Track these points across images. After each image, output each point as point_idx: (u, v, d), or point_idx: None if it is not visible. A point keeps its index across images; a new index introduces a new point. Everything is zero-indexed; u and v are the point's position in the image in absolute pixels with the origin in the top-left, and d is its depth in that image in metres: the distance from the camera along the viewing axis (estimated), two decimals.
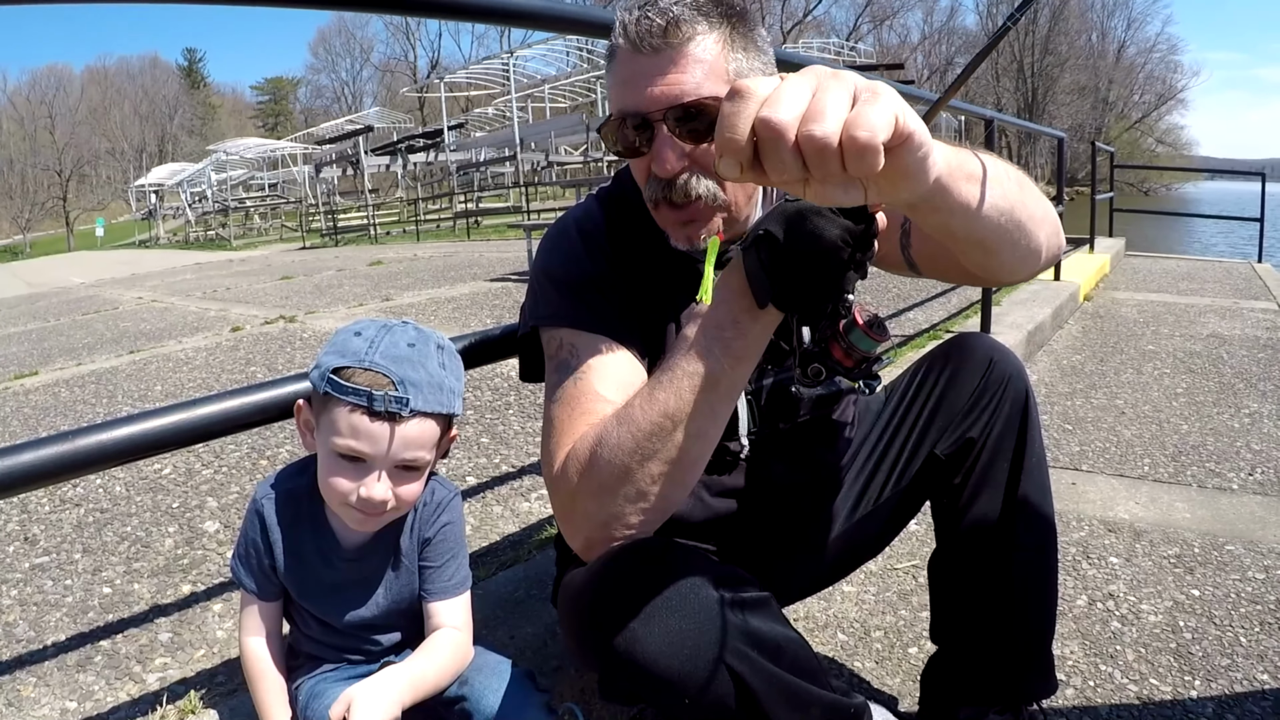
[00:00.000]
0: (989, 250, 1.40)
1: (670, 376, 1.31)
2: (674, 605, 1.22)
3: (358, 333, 1.53)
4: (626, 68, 1.48)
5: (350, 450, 1.48)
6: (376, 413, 1.46)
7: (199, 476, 4.00)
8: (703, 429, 1.32)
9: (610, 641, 1.22)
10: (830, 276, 1.22)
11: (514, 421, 4.63)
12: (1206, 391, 4.86)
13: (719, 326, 1.30)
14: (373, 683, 1.50)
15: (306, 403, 1.62)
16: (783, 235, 1.21)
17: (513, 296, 9.38)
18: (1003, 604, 1.73)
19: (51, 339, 9.78)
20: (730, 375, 1.31)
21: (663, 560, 1.28)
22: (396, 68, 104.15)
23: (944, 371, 1.83)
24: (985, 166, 1.25)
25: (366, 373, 1.47)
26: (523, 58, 34.61)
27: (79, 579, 3.04)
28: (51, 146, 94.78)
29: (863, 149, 0.87)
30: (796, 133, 0.88)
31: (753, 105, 0.91)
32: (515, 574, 2.57)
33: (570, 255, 1.64)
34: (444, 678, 1.61)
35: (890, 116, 0.89)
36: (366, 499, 1.50)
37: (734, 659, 1.22)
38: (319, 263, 18.28)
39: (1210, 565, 2.80)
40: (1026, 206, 1.39)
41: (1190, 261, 11.69)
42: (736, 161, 0.93)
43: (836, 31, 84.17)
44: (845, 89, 0.91)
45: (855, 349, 1.25)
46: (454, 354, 1.62)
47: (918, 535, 3.00)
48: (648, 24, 1.43)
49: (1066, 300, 7.10)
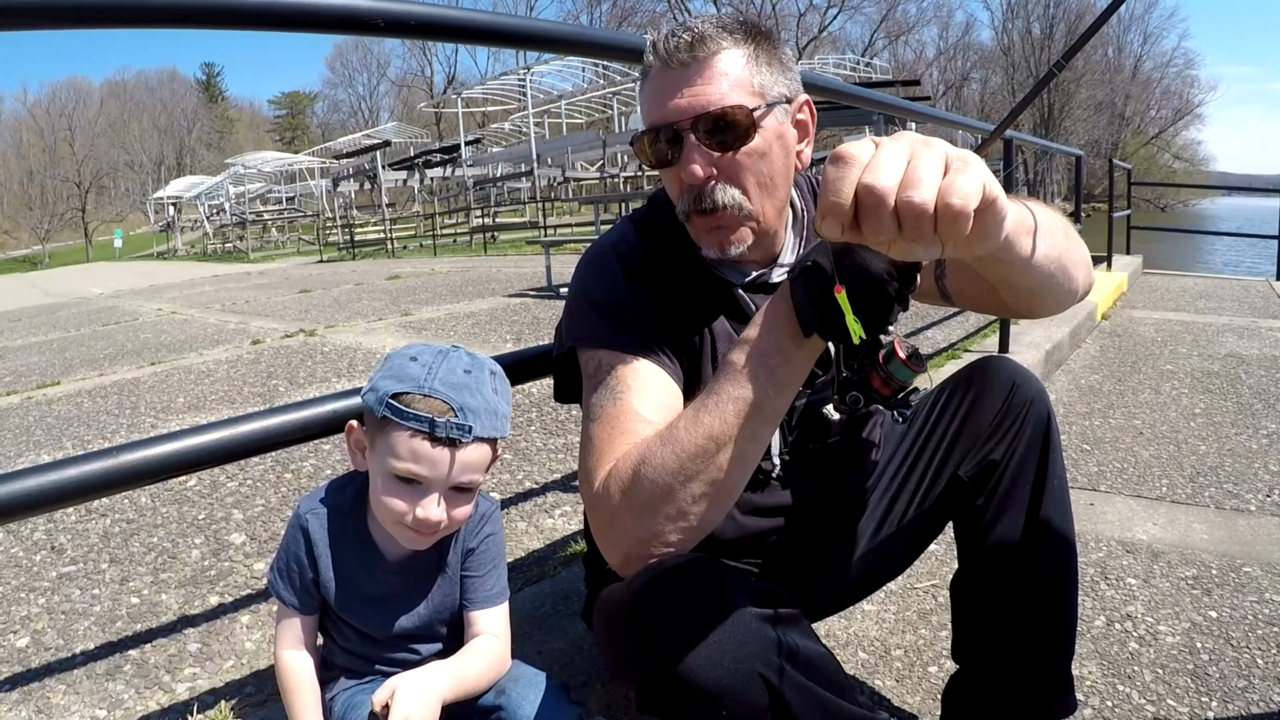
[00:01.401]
0: (1036, 294, 1.49)
1: (715, 400, 1.34)
2: (713, 619, 1.24)
3: (413, 358, 1.56)
4: (657, 83, 1.56)
5: (409, 473, 1.51)
6: (438, 438, 1.49)
7: (224, 489, 4.04)
8: (744, 452, 1.35)
9: (650, 654, 1.25)
10: (874, 309, 1.24)
11: (536, 438, 4.65)
12: (1224, 412, 4.86)
13: (764, 353, 1.33)
14: (417, 674, 1.53)
15: (358, 423, 1.65)
16: (830, 267, 1.23)
17: (531, 312, 9.42)
18: (1024, 624, 1.75)
19: (72, 349, 9.84)
20: (773, 400, 1.34)
21: (702, 576, 1.31)
22: (413, 83, 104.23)
23: (967, 395, 1.85)
24: (1037, 219, 1.33)
25: (427, 399, 1.50)
26: (539, 74, 34.68)
27: (106, 588, 3.07)
28: (71, 158, 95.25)
29: (956, 215, 0.96)
30: (896, 198, 0.96)
31: (855, 171, 0.99)
32: (541, 589, 2.59)
33: (608, 278, 1.68)
34: (483, 680, 1.64)
35: (980, 184, 0.98)
36: (423, 520, 1.53)
37: (770, 672, 1.25)
38: (337, 276, 18.33)
39: (1228, 587, 2.80)
40: (1070, 254, 1.47)
41: (1208, 280, 11.64)
42: (839, 223, 1.00)
43: (852, 47, 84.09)
44: (938, 157, 0.99)
45: (893, 379, 1.28)
46: (504, 379, 1.65)
47: (937, 555, 3.00)
48: (676, 40, 1.51)
49: (1084, 319, 7.06)
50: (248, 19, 1.67)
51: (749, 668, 1.23)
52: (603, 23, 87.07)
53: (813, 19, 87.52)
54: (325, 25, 1.77)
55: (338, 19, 1.76)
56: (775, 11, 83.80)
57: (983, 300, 1.71)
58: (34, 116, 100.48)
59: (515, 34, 2.27)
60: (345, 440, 1.68)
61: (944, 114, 6.42)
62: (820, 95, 3.49)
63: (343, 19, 1.77)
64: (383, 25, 1.81)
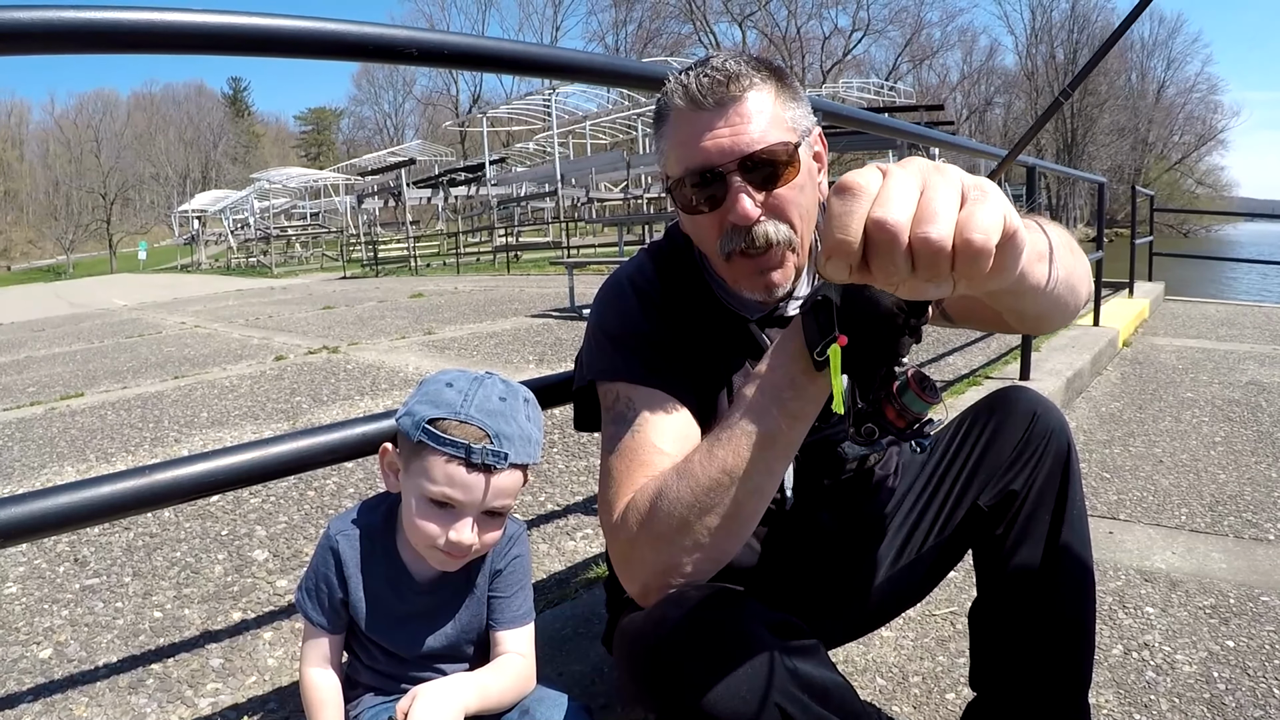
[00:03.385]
0: (1043, 317, 1.50)
1: (729, 435, 1.36)
2: (731, 648, 1.25)
3: (449, 384, 1.58)
4: (688, 127, 1.54)
5: (444, 498, 1.53)
6: (473, 464, 1.51)
7: (247, 505, 4.06)
8: (759, 485, 1.37)
9: (669, 682, 1.26)
10: (886, 342, 1.25)
11: (559, 460, 4.67)
12: (1245, 440, 4.84)
13: (777, 387, 1.34)
14: (441, 683, 1.56)
15: (392, 446, 1.68)
16: (840, 300, 1.24)
17: (554, 333, 9.44)
18: (1041, 652, 1.76)
19: (96, 361, 9.90)
20: (787, 434, 1.36)
21: (721, 606, 1.31)
22: (438, 101, 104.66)
23: (988, 425, 1.86)
24: (1051, 243, 1.30)
25: (463, 425, 1.52)
26: (563, 93, 34.72)
27: (129, 602, 3.09)
28: (97, 170, 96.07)
29: (977, 252, 0.88)
30: (910, 234, 0.88)
31: (864, 204, 0.90)
32: (562, 612, 2.60)
33: (625, 312, 1.70)
34: (507, 696, 1.66)
35: (1000, 216, 0.89)
36: (455, 543, 1.55)
37: (786, 701, 1.25)
38: (360, 293, 18.40)
39: (1245, 616, 2.80)
40: (1076, 271, 1.45)
41: (1230, 306, 11.60)
42: (847, 264, 0.92)
43: (876, 71, 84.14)
44: (954, 186, 0.91)
45: (908, 410, 1.28)
46: (536, 406, 1.67)
47: (955, 582, 3.00)
48: (709, 79, 1.50)
49: (1105, 346, 7.07)
50: (283, 47, 1.70)
51: (765, 696, 1.24)
52: (628, 44, 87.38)
53: (837, 43, 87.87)
54: (360, 54, 1.81)
55: (372, 48, 1.80)
56: (800, 35, 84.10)
57: (985, 321, 1.69)
58: (61, 127, 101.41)
59: (547, 63, 2.30)
60: (379, 462, 1.70)
61: (966, 141, 6.41)
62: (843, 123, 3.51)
63: (377, 48, 1.80)
64: (416, 54, 1.84)
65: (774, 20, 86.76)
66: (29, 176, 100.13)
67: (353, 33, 1.76)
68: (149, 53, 1.57)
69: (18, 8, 1.36)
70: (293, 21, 1.69)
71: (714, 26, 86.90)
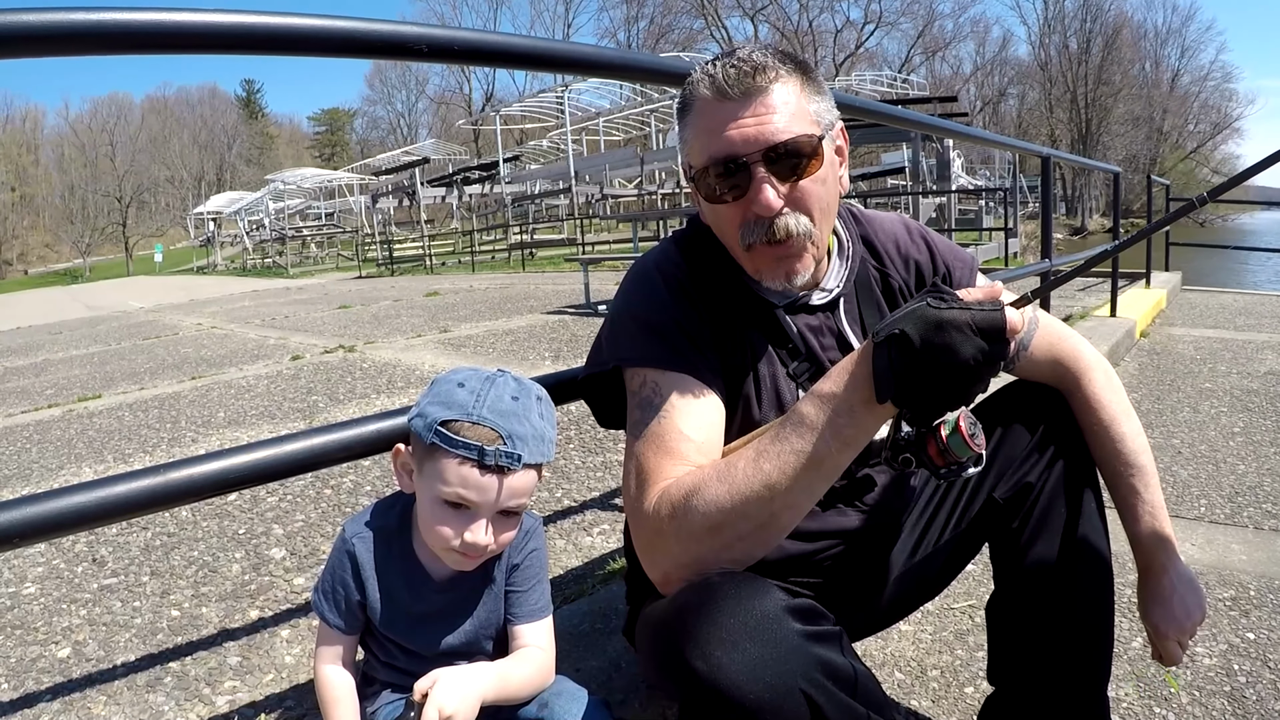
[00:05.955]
0: None
1: (778, 450, 1.36)
2: (756, 635, 1.25)
3: (461, 384, 1.57)
4: (713, 116, 1.55)
5: (458, 499, 1.53)
6: (486, 466, 1.51)
7: (264, 504, 4.08)
8: (797, 501, 1.38)
9: (694, 668, 1.24)
10: (956, 391, 1.25)
11: (575, 456, 4.67)
12: (1264, 431, 4.81)
13: (835, 411, 1.34)
14: (460, 669, 1.56)
15: (405, 446, 1.67)
16: (918, 341, 1.23)
17: (570, 330, 9.45)
18: (1060, 646, 1.75)
19: (113, 362, 9.96)
20: (835, 458, 1.36)
21: (745, 591, 1.31)
22: (451, 100, 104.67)
23: (1003, 416, 1.85)
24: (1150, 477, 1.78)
25: (475, 427, 1.51)
26: (576, 91, 34.70)
27: (147, 601, 3.10)
28: (112, 173, 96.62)
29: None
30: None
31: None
32: (579, 608, 2.60)
33: (653, 297, 1.69)
34: (526, 687, 1.66)
35: None
36: (470, 544, 1.55)
37: (811, 688, 1.25)
38: (375, 292, 18.44)
39: (1266, 608, 2.78)
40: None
41: (1247, 296, 11.51)
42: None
43: (889, 63, 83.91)
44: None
45: (950, 453, 1.29)
46: (549, 403, 1.66)
47: (974, 575, 2.99)
48: (735, 70, 1.51)
49: (1123, 337, 7.02)
50: (294, 45, 1.70)
51: (791, 683, 1.24)
52: (639, 39, 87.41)
53: (849, 35, 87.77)
54: (371, 51, 1.81)
55: (382, 45, 1.80)
56: (813, 28, 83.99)
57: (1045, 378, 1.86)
58: (76, 131, 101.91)
59: (557, 58, 2.30)
60: (391, 462, 1.70)
61: (982, 133, 6.39)
62: (858, 116, 3.50)
63: (388, 45, 1.81)
64: (426, 50, 1.84)
65: (786, 14, 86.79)
66: (44, 181, 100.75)
67: (363, 30, 1.76)
68: (162, 53, 1.58)
69: (29, 10, 1.36)
70: (304, 20, 1.70)
71: (726, 21, 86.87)
